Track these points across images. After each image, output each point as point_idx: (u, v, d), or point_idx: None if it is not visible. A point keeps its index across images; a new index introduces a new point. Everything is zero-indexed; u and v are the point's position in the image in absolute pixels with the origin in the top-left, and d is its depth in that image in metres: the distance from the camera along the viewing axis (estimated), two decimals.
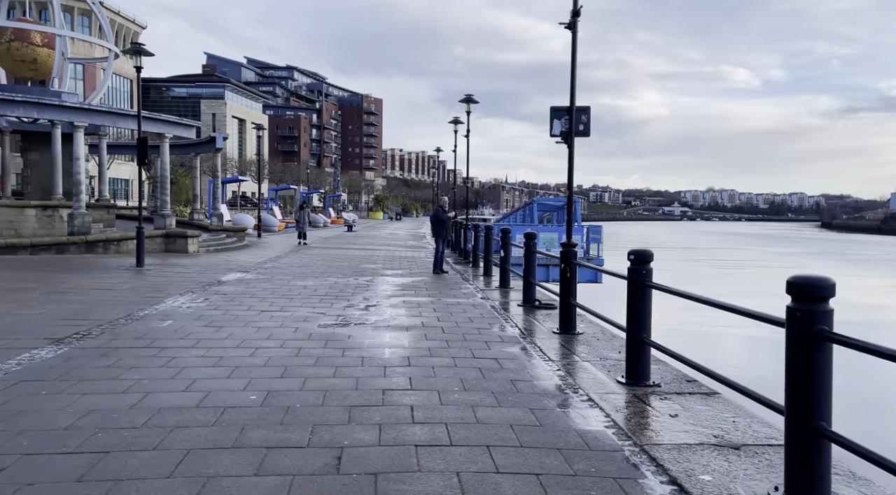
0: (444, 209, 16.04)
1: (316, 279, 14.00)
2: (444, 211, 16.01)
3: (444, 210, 16.03)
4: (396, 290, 12.34)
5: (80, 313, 8.89)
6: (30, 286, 11.35)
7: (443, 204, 16.20)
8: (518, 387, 5.56)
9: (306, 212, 26.00)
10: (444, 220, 15.86)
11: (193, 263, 16.71)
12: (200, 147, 25.41)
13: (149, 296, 10.64)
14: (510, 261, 12.99)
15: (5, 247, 16.41)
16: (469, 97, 19.99)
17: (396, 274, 15.62)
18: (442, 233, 15.92)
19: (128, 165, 69.54)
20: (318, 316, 9.18)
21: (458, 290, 12.53)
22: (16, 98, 16.42)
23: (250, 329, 8.08)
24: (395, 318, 9.08)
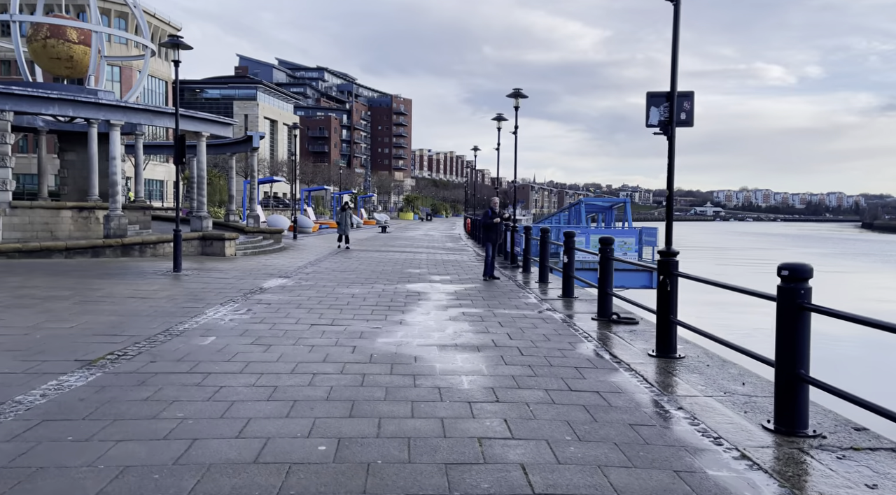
0: (494, 210, 14.81)
1: (362, 286, 13.08)
2: (495, 212, 14.78)
3: (493, 212, 14.80)
4: (451, 300, 11.33)
5: (115, 327, 8.08)
6: (63, 294, 10.64)
7: (493, 205, 14.88)
8: (643, 436, 4.48)
9: (348, 214, 24.36)
10: (495, 223, 14.67)
11: (231, 267, 15.97)
12: (236, 146, 24.79)
13: (188, 306, 9.82)
14: (573, 268, 11.86)
15: (40, 250, 15.89)
16: (517, 92, 18.90)
17: (445, 280, 14.62)
18: (492, 237, 14.77)
19: (162, 166, 70.08)
20: (374, 331, 8.22)
21: (517, 300, 11.46)
22: (51, 95, 15.89)
23: (302, 348, 7.14)
24: (460, 335, 8.06)
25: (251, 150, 23.87)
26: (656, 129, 6.90)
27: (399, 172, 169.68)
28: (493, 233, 14.72)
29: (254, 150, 23.90)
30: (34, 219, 18.30)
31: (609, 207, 33.31)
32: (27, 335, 7.45)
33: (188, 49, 13.72)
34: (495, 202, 14.94)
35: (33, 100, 15.79)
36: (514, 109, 19.09)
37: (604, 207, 33.97)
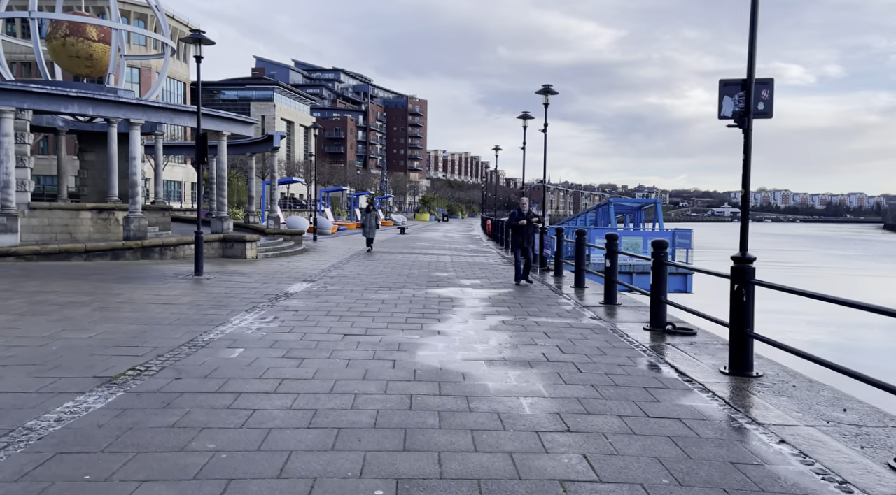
0: (522, 212, 13.82)
1: (390, 291, 12.48)
2: (523, 214, 13.79)
3: (522, 213, 13.81)
4: (487, 306, 10.69)
5: (136, 337, 7.54)
6: (82, 299, 10.16)
7: (522, 206, 13.87)
8: (754, 479, 3.80)
9: (374, 216, 22.97)
10: (523, 225, 13.73)
11: (253, 271, 15.46)
12: (257, 146, 24.36)
13: (212, 314, 9.28)
14: (616, 273, 11.15)
15: (59, 252, 15.50)
16: (547, 88, 18.20)
17: (475, 284, 13.98)
18: (521, 240, 13.78)
19: (180, 167, 70.19)
20: (412, 342, 7.60)
21: (556, 306, 10.79)
22: (70, 93, 15.50)
23: (338, 362, 6.54)
24: (505, 347, 7.41)
25: (271, 150, 23.41)
26: (730, 121, 6.20)
27: (414, 173, 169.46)
28: (522, 235, 13.87)
29: (274, 150, 23.44)
30: (53, 221, 17.96)
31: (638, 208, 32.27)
32: (43, 346, 6.93)
33: (210, 44, 13.23)
34: (524, 203, 13.97)
35: (52, 98, 15.42)
36: (544, 106, 18.39)
37: (633, 208, 32.94)
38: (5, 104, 14.91)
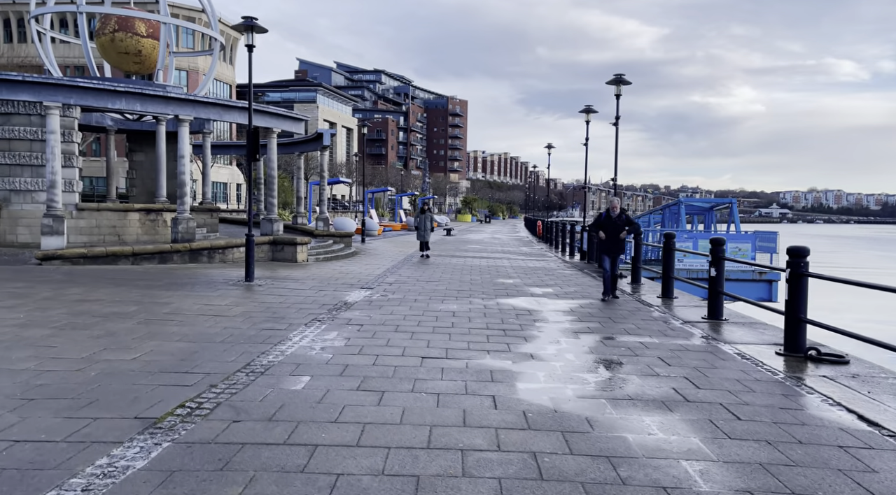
0: (609, 214, 11.74)
1: (457, 301, 11.26)
2: (614, 217, 11.66)
3: (609, 216, 11.72)
4: (574, 322, 9.35)
5: (185, 359, 6.49)
6: (126, 310, 9.24)
7: (612, 207, 11.80)
8: None
9: (428, 217, 20.43)
10: (614, 230, 11.65)
11: (306, 276, 14.46)
12: (306, 145, 23.52)
13: (268, 329, 8.21)
14: (723, 283, 9.65)
15: (106, 255, 14.81)
16: (619, 77, 16.73)
17: (548, 293, 12.64)
18: (610, 247, 11.73)
19: (226, 169, 70.66)
20: (505, 370, 6.35)
21: (655, 322, 9.37)
22: (117, 88, 14.81)
23: (426, 398, 5.33)
24: (622, 378, 6.08)
25: (321, 149, 22.51)
26: None
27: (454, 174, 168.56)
28: (612, 242, 11.76)
29: (324, 149, 22.52)
30: (101, 222, 17.38)
31: (710, 208, 30.12)
32: (80, 371, 5.93)
33: (263, 32, 12.27)
34: (615, 204, 11.93)
35: (99, 93, 14.75)
36: (616, 97, 16.93)
37: (704, 208, 30.78)
38: (51, 99, 14.29)
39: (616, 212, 11.78)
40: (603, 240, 11.77)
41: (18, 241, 16.62)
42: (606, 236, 11.73)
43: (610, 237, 11.76)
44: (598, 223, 11.99)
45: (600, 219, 11.94)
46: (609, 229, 11.74)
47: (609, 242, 11.78)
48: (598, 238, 11.92)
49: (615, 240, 11.78)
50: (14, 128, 16.23)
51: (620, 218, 11.77)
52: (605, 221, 11.81)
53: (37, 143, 16.30)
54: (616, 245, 11.79)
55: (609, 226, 11.73)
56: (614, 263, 11.80)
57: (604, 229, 11.77)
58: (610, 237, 11.76)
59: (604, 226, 11.79)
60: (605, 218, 11.87)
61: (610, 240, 11.76)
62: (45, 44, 19.36)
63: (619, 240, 11.78)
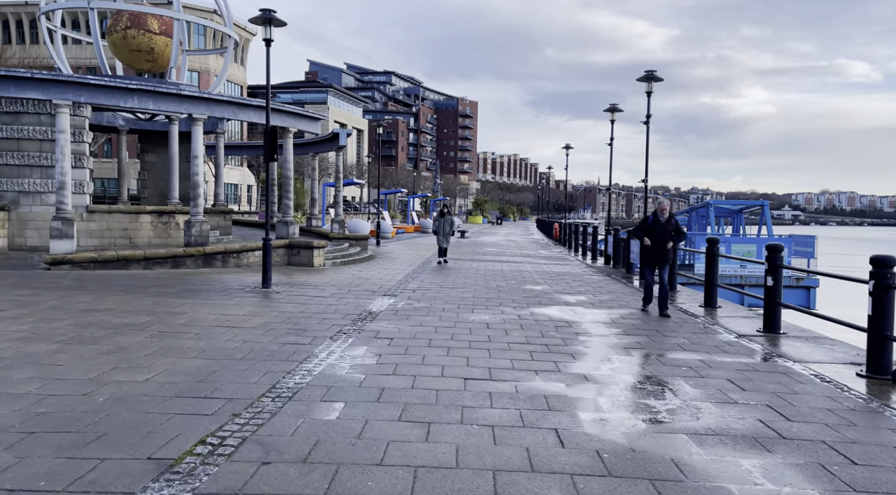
0: (656, 218, 10.26)
1: (488, 310, 10.57)
2: (662, 221, 10.23)
3: (656, 220, 10.25)
4: (619, 335, 8.64)
5: (203, 380, 5.84)
6: (138, 321, 8.62)
7: (661, 211, 10.28)
8: None
9: (448, 221, 18.71)
10: (662, 237, 10.23)
11: (324, 281, 13.81)
12: (320, 145, 22.92)
13: (291, 343, 7.55)
14: (780, 293, 8.89)
15: (117, 260, 14.24)
16: (650, 74, 15.98)
17: (582, 301, 11.92)
18: (654, 258, 10.38)
19: (237, 170, 70.31)
20: (560, 395, 5.65)
21: (707, 336, 8.64)
22: (129, 85, 14.25)
23: (479, 432, 4.65)
24: (697, 407, 5.37)
25: (336, 149, 21.90)
26: None
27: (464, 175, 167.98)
28: (658, 250, 10.27)
29: (340, 149, 21.91)
30: (112, 225, 16.84)
31: (739, 211, 29.12)
32: (87, 395, 5.29)
33: (282, 25, 11.64)
34: (664, 206, 10.36)
35: (110, 90, 14.18)
36: (647, 95, 16.18)
37: (733, 211, 29.76)
38: (60, 97, 13.74)
39: (665, 215, 10.26)
40: (648, 247, 10.36)
41: (27, 245, 16.12)
42: (652, 243, 10.31)
43: (656, 245, 10.31)
44: (644, 227, 10.46)
45: (646, 224, 10.44)
46: (656, 235, 10.28)
47: (654, 250, 10.35)
48: (643, 245, 10.49)
49: (662, 250, 10.30)
50: (23, 128, 15.73)
51: (670, 223, 10.26)
52: (651, 226, 10.32)
53: (46, 143, 15.79)
54: (663, 254, 10.33)
55: (656, 232, 10.27)
56: (661, 273, 10.50)
57: (650, 235, 10.32)
58: (656, 245, 10.31)
59: (650, 232, 10.31)
60: (653, 222, 10.32)
61: (656, 247, 10.33)
62: (56, 42, 18.89)
63: (666, 250, 10.30)
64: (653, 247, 10.33)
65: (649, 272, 10.61)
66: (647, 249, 10.41)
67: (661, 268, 10.56)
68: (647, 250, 10.44)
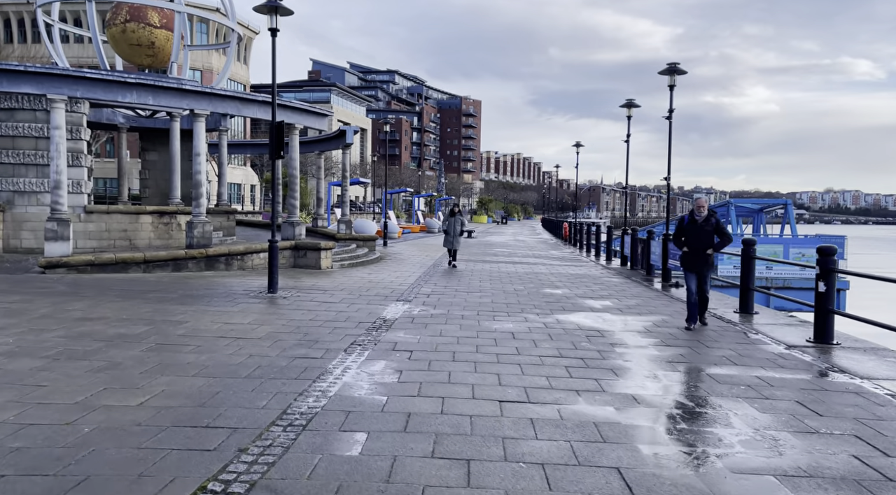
0: (692, 219, 9.08)
1: (510, 317, 9.86)
2: (700, 221, 9.02)
3: (692, 219, 9.07)
4: (658, 346, 7.92)
5: (204, 405, 5.15)
6: (136, 331, 7.93)
7: (698, 209, 9.08)
8: None
9: (458, 221, 17.63)
10: (701, 239, 9.01)
11: (333, 285, 13.12)
12: (328, 143, 22.22)
13: (301, 357, 6.85)
14: (833, 300, 8.16)
15: (115, 263, 13.57)
16: (673, 66, 15.24)
17: (607, 306, 11.20)
18: (694, 262, 9.08)
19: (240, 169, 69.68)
20: (612, 422, 4.95)
21: (752, 347, 7.93)
22: (128, 79, 13.56)
23: (531, 474, 3.95)
24: (778, 441, 4.65)
25: (344, 147, 21.21)
26: None
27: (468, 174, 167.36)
28: (698, 254, 9.01)
29: (346, 147, 21.22)
30: (111, 226, 16.17)
31: (759, 210, 28.24)
32: (71, 425, 4.60)
33: (289, 14, 10.95)
34: (702, 203, 9.14)
35: (108, 85, 13.50)
36: (669, 89, 15.43)
37: (753, 210, 28.87)
38: (55, 92, 13.07)
39: (703, 214, 9.04)
40: (686, 253, 9.13)
41: (23, 247, 15.45)
42: (690, 247, 9.08)
43: (694, 248, 9.08)
44: (681, 230, 9.24)
45: (682, 225, 9.22)
46: (694, 237, 9.07)
47: (694, 255, 9.10)
48: (684, 257, 9.23)
49: (701, 254, 9.05)
50: (18, 125, 15.06)
51: (709, 222, 9.03)
52: (688, 227, 9.14)
53: (42, 141, 15.11)
54: (702, 259, 9.07)
55: (694, 234, 9.07)
56: (701, 282, 9.16)
57: (688, 237, 9.13)
58: (694, 248, 9.08)
59: (687, 234, 9.13)
60: (689, 223, 9.14)
61: (695, 251, 9.08)
62: (54, 37, 18.23)
63: (706, 254, 9.05)
64: (690, 253, 9.14)
65: (692, 279, 9.17)
66: (686, 255, 9.22)
67: (702, 275, 9.15)
68: (686, 256, 9.24)
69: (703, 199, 9.54)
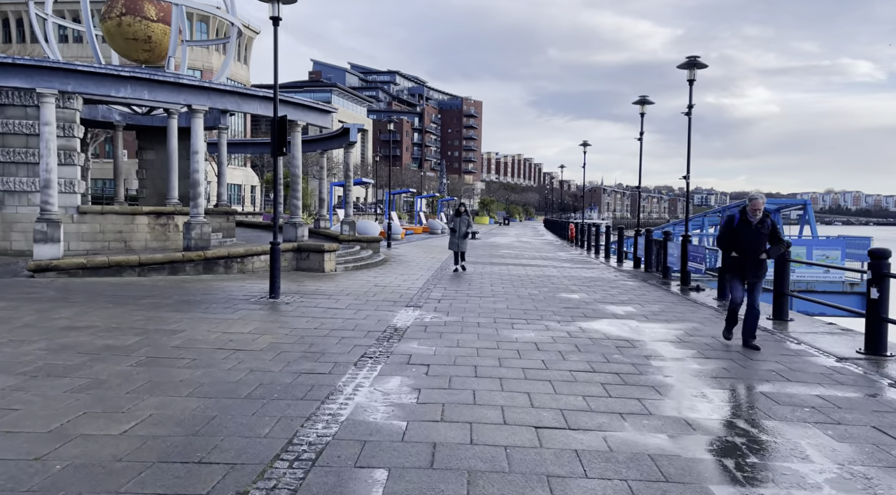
0: (744, 219, 7.73)
1: (529, 325, 9.18)
2: (755, 223, 7.69)
3: (744, 220, 7.72)
4: (697, 359, 7.25)
5: (197, 432, 4.47)
6: (125, 342, 7.25)
7: (753, 209, 7.69)
8: None
9: (465, 221, 16.63)
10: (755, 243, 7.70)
11: (337, 289, 12.44)
12: (330, 141, 21.55)
13: (307, 372, 6.17)
14: (886, 308, 7.47)
15: (108, 266, 12.89)
16: (693, 60, 14.56)
17: (631, 313, 10.52)
18: (741, 265, 7.75)
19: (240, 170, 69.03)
20: (672, 456, 4.27)
21: (800, 360, 7.25)
22: (121, 73, 12.88)
23: None
24: (871, 481, 3.97)
25: (347, 145, 20.54)
26: None
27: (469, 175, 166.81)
28: (751, 259, 7.69)
29: (350, 145, 20.54)
30: (106, 227, 15.49)
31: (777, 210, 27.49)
32: (39, 461, 3.92)
33: (291, 3, 10.28)
34: (756, 203, 7.71)
35: (101, 78, 12.83)
36: (689, 82, 14.76)
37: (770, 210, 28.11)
38: (45, 85, 12.39)
39: (758, 216, 7.71)
40: (735, 258, 7.82)
41: (13, 249, 14.77)
42: (740, 252, 7.77)
43: (745, 253, 7.74)
44: (731, 232, 7.87)
45: (732, 226, 7.88)
46: (747, 241, 7.73)
47: (744, 261, 7.74)
48: (728, 263, 7.94)
49: (755, 259, 7.70)
50: (8, 122, 14.39)
51: (765, 225, 7.72)
52: (739, 228, 7.78)
53: (33, 139, 14.43)
54: (755, 265, 7.73)
55: (747, 237, 7.73)
56: (752, 294, 7.78)
57: (737, 241, 7.80)
58: (745, 253, 7.74)
59: (739, 235, 7.79)
60: (740, 223, 7.78)
61: (744, 256, 7.74)
62: (47, 30, 17.58)
63: (760, 260, 7.74)
64: (740, 257, 7.77)
65: (737, 286, 7.87)
66: (735, 260, 7.87)
67: (753, 283, 7.79)
68: (734, 261, 7.88)
69: (760, 199, 7.85)
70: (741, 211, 7.91)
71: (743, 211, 7.87)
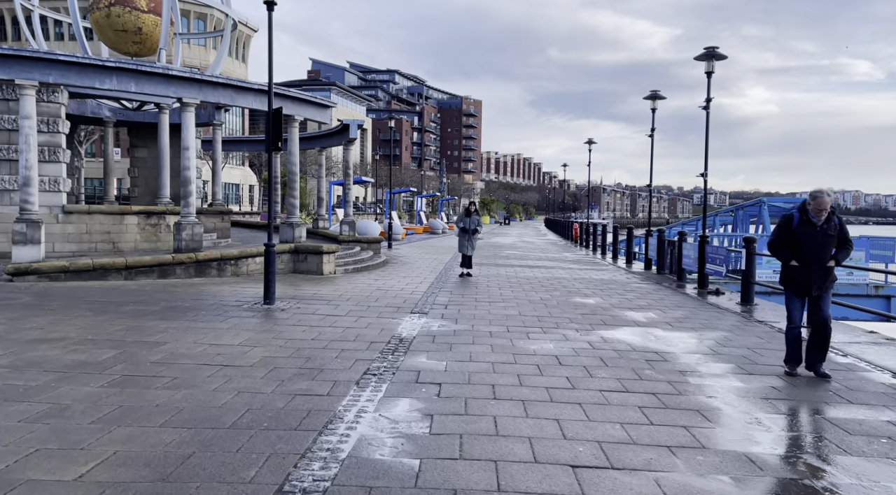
0: (804, 219, 6.33)
1: (546, 334, 8.43)
2: (820, 224, 6.26)
3: (806, 221, 6.31)
4: (737, 374, 6.50)
5: (167, 475, 3.71)
6: (100, 357, 6.49)
7: (819, 209, 6.23)
8: None
9: (475, 221, 15.48)
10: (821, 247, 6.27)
11: (337, 294, 11.68)
12: (329, 139, 20.78)
13: (303, 394, 5.42)
14: None
15: (93, 269, 12.12)
16: (712, 51, 13.81)
17: (653, 320, 9.76)
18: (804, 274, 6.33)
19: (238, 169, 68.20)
20: (727, 493, 3.51)
21: (854, 376, 6.49)
22: (107, 63, 12.11)
23: None
24: None
25: (347, 143, 19.77)
26: None
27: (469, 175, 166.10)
28: (815, 266, 6.28)
29: (350, 143, 19.77)
30: (93, 228, 14.72)
31: None
32: None
33: None
34: (822, 203, 6.22)
35: (84, 69, 12.05)
36: (707, 75, 14.01)
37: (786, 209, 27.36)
38: (25, 76, 11.61)
39: (823, 216, 6.27)
40: (796, 267, 6.40)
41: None
42: (803, 260, 6.35)
43: (808, 260, 6.33)
44: (788, 235, 6.44)
45: (791, 228, 6.42)
46: (810, 246, 6.30)
47: (808, 271, 6.32)
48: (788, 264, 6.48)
49: (820, 267, 6.30)
50: None
51: (831, 225, 6.30)
52: (799, 230, 6.35)
53: (16, 134, 13.65)
54: (821, 274, 6.31)
55: (811, 242, 6.29)
56: (821, 309, 6.36)
57: (798, 246, 6.37)
58: (808, 260, 6.33)
59: (799, 240, 6.35)
60: (800, 224, 6.36)
61: (808, 264, 6.33)
62: (33, 21, 16.80)
63: (826, 268, 6.33)
64: (803, 265, 6.35)
65: (797, 304, 6.51)
66: (797, 270, 6.42)
67: (821, 294, 6.39)
68: (796, 272, 6.44)
69: (827, 198, 6.30)
70: (799, 209, 6.47)
71: (802, 209, 6.42)
